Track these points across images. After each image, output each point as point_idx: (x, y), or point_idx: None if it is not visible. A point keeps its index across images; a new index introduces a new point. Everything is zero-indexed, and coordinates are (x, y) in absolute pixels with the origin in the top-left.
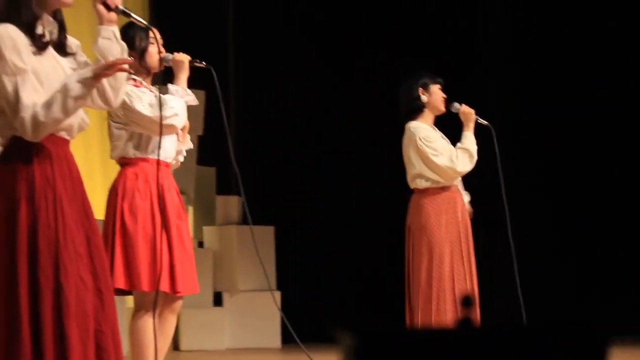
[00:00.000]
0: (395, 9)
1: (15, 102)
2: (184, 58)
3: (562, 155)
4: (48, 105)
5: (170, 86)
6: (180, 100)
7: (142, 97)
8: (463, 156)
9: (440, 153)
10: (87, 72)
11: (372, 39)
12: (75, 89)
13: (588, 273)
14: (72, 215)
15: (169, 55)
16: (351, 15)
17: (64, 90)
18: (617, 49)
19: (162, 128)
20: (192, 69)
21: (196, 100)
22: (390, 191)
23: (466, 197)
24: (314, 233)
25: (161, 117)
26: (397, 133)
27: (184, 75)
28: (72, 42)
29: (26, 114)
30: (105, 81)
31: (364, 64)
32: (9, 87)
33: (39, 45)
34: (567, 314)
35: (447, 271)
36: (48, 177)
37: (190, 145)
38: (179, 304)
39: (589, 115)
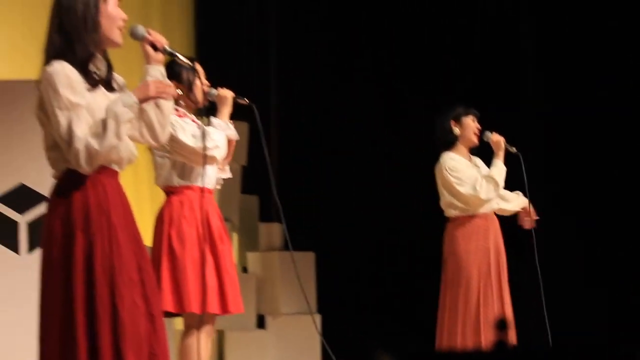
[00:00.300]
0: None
1: (68, 136)
2: (227, 94)
3: (591, 175)
4: (101, 134)
5: (213, 119)
6: (221, 134)
7: (185, 128)
8: (487, 184)
9: (464, 182)
10: (130, 97)
11: (426, 73)
12: (125, 113)
13: (615, 295)
14: (125, 243)
15: (214, 91)
16: (399, 50)
17: (115, 117)
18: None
19: (205, 159)
20: (235, 103)
21: (237, 135)
22: (430, 218)
23: (520, 198)
24: (353, 258)
25: (204, 148)
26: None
27: (226, 110)
28: (117, 79)
29: (80, 146)
30: (154, 117)
31: (411, 98)
32: (63, 122)
33: (92, 82)
34: (594, 336)
35: (474, 297)
36: (102, 206)
37: (228, 174)
38: (212, 327)
39: (619, 135)
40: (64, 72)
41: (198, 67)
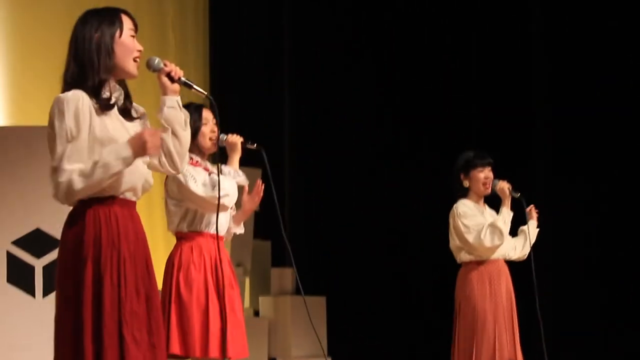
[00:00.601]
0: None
1: (57, 165)
2: (236, 140)
3: (596, 221)
4: (87, 175)
5: (223, 167)
6: (231, 181)
7: (196, 177)
8: (491, 234)
9: (471, 230)
10: (126, 150)
11: (447, 112)
12: (116, 166)
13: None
14: (133, 275)
15: (223, 137)
16: (410, 87)
17: (104, 166)
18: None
19: (215, 207)
20: (245, 148)
21: (247, 180)
22: (442, 262)
23: (524, 249)
24: (364, 303)
25: (219, 198)
26: (448, 206)
27: (236, 156)
28: (138, 108)
29: (63, 179)
30: (172, 147)
31: (427, 145)
32: (59, 151)
33: (103, 106)
34: None
35: (490, 342)
36: (114, 239)
37: (242, 229)
38: None
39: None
40: (75, 102)
41: (207, 113)
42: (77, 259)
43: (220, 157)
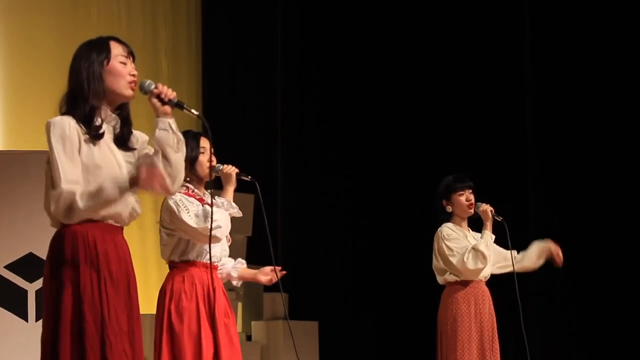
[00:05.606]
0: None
1: (57, 183)
2: (231, 171)
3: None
4: (92, 196)
5: (217, 199)
6: (224, 213)
7: (189, 208)
8: (474, 257)
9: (455, 253)
10: (125, 182)
11: (430, 151)
12: (114, 195)
13: None
14: (116, 294)
15: (219, 166)
16: (398, 113)
17: (114, 182)
18: None
19: (207, 238)
20: (239, 179)
21: (240, 212)
22: (432, 285)
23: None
24: (355, 328)
25: (211, 229)
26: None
27: (231, 188)
28: (139, 136)
29: (64, 195)
30: (162, 169)
31: (407, 174)
32: (56, 170)
33: (93, 134)
34: None
35: None
36: (92, 261)
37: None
38: None
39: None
40: (61, 125)
41: (204, 142)
42: (56, 282)
43: (214, 185)
